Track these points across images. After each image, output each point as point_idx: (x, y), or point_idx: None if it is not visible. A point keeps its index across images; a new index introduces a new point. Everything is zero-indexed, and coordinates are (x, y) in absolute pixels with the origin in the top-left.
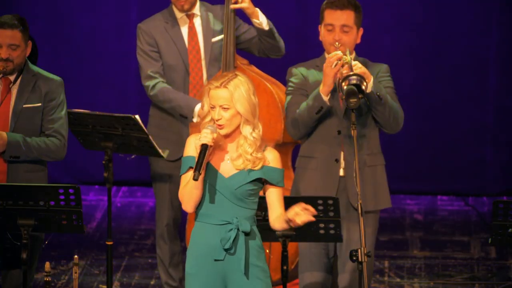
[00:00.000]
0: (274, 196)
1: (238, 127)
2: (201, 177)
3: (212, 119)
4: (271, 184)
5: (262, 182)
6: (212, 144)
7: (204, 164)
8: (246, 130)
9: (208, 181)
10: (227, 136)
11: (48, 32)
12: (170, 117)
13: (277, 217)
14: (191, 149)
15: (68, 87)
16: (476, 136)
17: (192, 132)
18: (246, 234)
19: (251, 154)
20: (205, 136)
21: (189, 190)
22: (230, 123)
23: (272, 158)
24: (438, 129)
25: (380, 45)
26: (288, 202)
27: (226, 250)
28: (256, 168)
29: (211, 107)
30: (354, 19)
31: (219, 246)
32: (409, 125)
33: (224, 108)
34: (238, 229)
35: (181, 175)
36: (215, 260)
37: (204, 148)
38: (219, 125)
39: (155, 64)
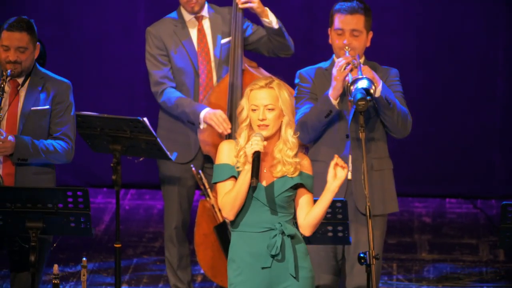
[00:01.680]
0: (307, 200)
1: (278, 130)
2: (247, 187)
3: (248, 125)
4: (306, 190)
5: (297, 187)
6: (263, 150)
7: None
8: (288, 133)
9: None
10: (266, 139)
11: (55, 35)
12: (178, 120)
13: (306, 215)
14: (226, 156)
15: (75, 90)
16: (484, 138)
17: (200, 136)
18: (292, 237)
19: (292, 158)
20: (257, 143)
21: (233, 198)
22: (273, 124)
23: (307, 165)
24: (446, 131)
25: (387, 47)
26: None
27: (273, 256)
28: (294, 175)
29: (253, 109)
30: (364, 23)
31: (265, 253)
32: (417, 128)
33: (269, 109)
34: (282, 234)
35: (217, 183)
36: (262, 268)
37: (257, 155)
38: (263, 126)
39: (164, 68)
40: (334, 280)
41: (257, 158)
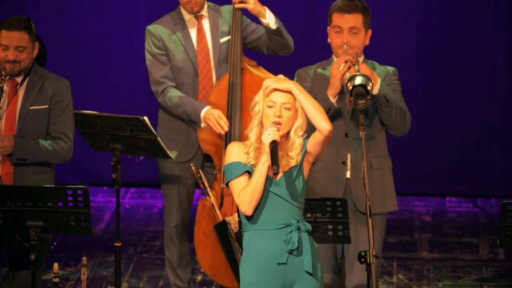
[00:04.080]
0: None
1: (289, 130)
2: (264, 179)
3: (260, 121)
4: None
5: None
6: (279, 140)
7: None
8: (297, 134)
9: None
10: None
11: (55, 34)
12: (178, 119)
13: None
14: (235, 155)
15: (76, 89)
16: (485, 137)
17: (200, 134)
18: (309, 233)
19: (296, 155)
20: (274, 133)
21: (251, 191)
22: (286, 124)
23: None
24: (446, 130)
25: (388, 47)
26: None
27: (290, 252)
28: (298, 161)
29: (269, 106)
30: (363, 21)
31: (281, 249)
32: (417, 127)
33: (286, 108)
34: (298, 230)
35: (230, 181)
36: (278, 264)
37: (275, 144)
38: (277, 122)
39: (163, 68)
40: (334, 279)
41: (275, 147)
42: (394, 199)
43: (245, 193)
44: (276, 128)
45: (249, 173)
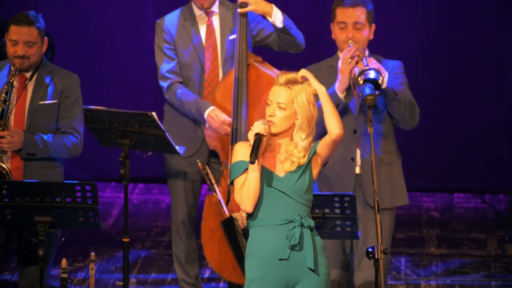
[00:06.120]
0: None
1: (287, 130)
2: (257, 174)
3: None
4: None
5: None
6: (265, 134)
7: (260, 152)
8: (299, 136)
9: (265, 182)
10: (274, 135)
11: (63, 30)
12: (184, 113)
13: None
14: (239, 154)
15: (83, 85)
16: (493, 133)
17: (206, 131)
18: (311, 229)
19: (297, 158)
20: (258, 126)
21: (246, 187)
22: (280, 124)
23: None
24: (454, 127)
25: (393, 43)
26: None
27: (292, 247)
28: (304, 162)
29: (268, 103)
30: (366, 15)
31: (283, 245)
32: (425, 123)
33: (280, 108)
34: (301, 226)
35: (232, 181)
36: (280, 259)
37: (258, 137)
38: (270, 122)
39: (171, 62)
40: (343, 275)
41: (258, 139)
42: (403, 193)
43: (242, 190)
44: (262, 122)
45: None
